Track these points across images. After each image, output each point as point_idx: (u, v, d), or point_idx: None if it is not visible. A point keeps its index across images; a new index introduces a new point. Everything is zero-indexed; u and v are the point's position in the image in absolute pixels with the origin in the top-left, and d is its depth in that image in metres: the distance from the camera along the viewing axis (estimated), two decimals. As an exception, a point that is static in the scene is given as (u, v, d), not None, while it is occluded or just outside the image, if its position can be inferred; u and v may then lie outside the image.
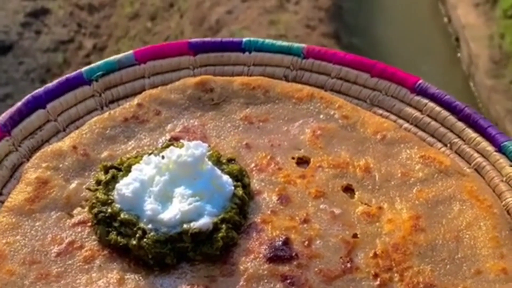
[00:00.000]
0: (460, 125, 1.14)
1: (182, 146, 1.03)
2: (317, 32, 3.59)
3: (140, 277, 0.93)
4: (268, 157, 1.10)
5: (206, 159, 1.02)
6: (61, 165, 1.05)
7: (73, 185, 1.03)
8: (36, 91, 1.13)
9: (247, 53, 1.25)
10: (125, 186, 0.98)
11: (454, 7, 4.03)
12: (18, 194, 1.01)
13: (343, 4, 4.06)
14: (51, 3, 4.31)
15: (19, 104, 1.11)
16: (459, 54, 3.72)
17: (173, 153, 1.01)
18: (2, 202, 1.01)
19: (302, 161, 1.10)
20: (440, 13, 4.17)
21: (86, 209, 1.00)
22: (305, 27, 3.62)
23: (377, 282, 0.93)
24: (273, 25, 3.60)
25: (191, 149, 1.00)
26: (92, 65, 1.19)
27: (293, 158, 1.10)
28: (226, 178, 1.01)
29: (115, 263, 0.94)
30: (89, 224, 0.99)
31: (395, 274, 0.94)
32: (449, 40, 3.93)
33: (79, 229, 0.98)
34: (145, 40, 3.87)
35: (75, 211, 1.01)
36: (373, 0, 4.24)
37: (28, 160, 1.07)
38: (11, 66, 3.79)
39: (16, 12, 4.20)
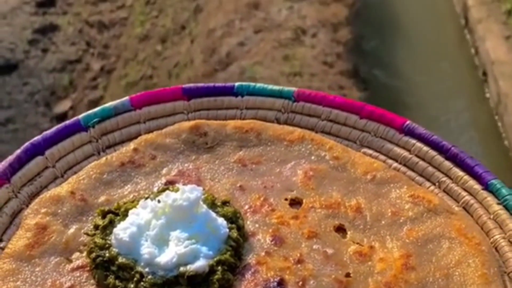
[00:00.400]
0: (447, 164, 1.17)
1: (177, 190, 1.05)
2: (335, 69, 3.41)
3: (139, 321, 0.95)
4: (262, 198, 1.12)
5: (201, 203, 1.05)
6: (59, 211, 1.08)
7: (71, 230, 1.06)
8: (35, 138, 1.16)
9: (239, 97, 1.29)
10: (123, 231, 1.01)
11: (482, 39, 3.71)
12: (18, 240, 1.03)
13: (363, 34, 3.77)
14: (61, 19, 4.23)
15: (18, 151, 1.14)
16: (486, 91, 3.47)
17: (168, 197, 1.03)
18: (2, 249, 1.03)
19: (295, 202, 1.13)
20: (467, 44, 3.86)
21: (85, 253, 1.02)
22: (322, 64, 3.45)
23: (370, 321, 0.96)
24: (287, 60, 3.42)
25: (186, 193, 1.03)
26: (89, 112, 1.22)
27: (286, 199, 1.13)
28: (221, 220, 1.04)
29: (113, 307, 0.96)
30: (88, 268, 1.01)
31: (388, 313, 0.97)
32: (475, 73, 3.65)
33: (78, 274, 1.00)
34: (154, 65, 3.76)
35: (73, 256, 1.03)
36: (396, 29, 3.94)
37: (27, 206, 1.10)
38: (15, 87, 3.70)
39: (23, 28, 4.14)
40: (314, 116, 1.28)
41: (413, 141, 1.21)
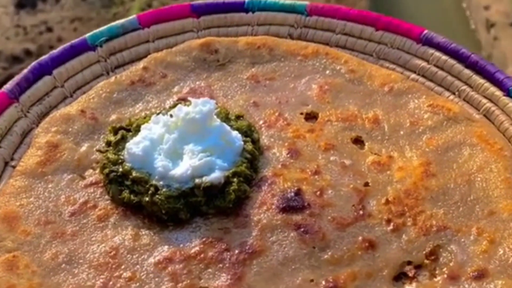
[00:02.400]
0: (467, 72, 1.14)
1: (190, 104, 1.03)
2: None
3: (155, 233, 0.93)
4: (276, 113, 1.10)
5: (215, 116, 1.02)
6: (70, 129, 1.05)
7: (83, 148, 1.04)
8: (42, 58, 1.13)
9: (250, 13, 1.25)
10: (135, 145, 0.98)
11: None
12: (30, 158, 1.02)
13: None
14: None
15: (25, 71, 1.11)
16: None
17: (181, 111, 1.01)
18: (14, 167, 1.02)
19: (310, 116, 1.10)
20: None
21: (98, 170, 1.00)
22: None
23: (390, 227, 0.94)
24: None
25: (199, 106, 1.01)
26: (95, 31, 1.19)
27: (301, 113, 1.10)
28: (235, 133, 1.01)
29: (129, 221, 0.95)
30: (101, 185, 0.99)
31: (408, 219, 0.94)
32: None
33: (92, 190, 0.99)
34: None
35: (86, 173, 1.01)
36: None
37: (37, 125, 1.08)
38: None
39: None
40: (328, 30, 1.24)
41: (431, 50, 1.17)
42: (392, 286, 0.88)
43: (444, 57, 1.16)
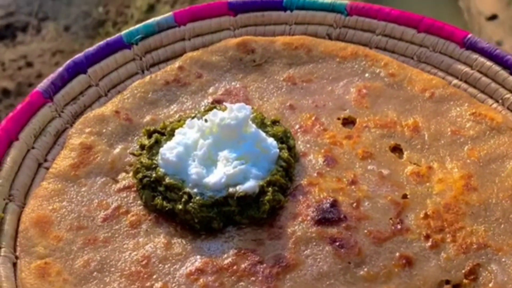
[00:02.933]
0: (512, 80, 1.10)
1: (225, 109, 1.01)
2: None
3: (187, 241, 0.92)
4: (313, 118, 1.07)
5: (250, 122, 1.00)
6: (104, 130, 1.04)
7: (117, 150, 1.03)
8: (77, 56, 1.12)
9: (288, 11, 1.22)
10: (169, 151, 0.97)
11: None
12: (63, 160, 1.01)
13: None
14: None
15: (60, 69, 1.10)
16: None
17: (216, 116, 0.99)
18: (47, 169, 1.01)
19: (348, 122, 1.08)
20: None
21: (131, 174, 0.99)
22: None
23: (429, 243, 0.91)
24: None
25: (234, 111, 0.98)
26: (131, 29, 1.17)
27: (338, 118, 1.07)
28: (270, 140, 0.99)
29: (161, 228, 0.94)
30: (134, 189, 0.98)
31: (447, 235, 0.92)
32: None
33: (125, 194, 0.98)
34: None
35: (119, 176, 1.00)
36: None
37: (71, 126, 1.07)
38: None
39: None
40: (368, 30, 1.20)
41: (475, 55, 1.13)
42: (429, 306, 0.86)
43: (489, 63, 1.12)
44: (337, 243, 0.90)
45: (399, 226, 0.93)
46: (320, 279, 0.87)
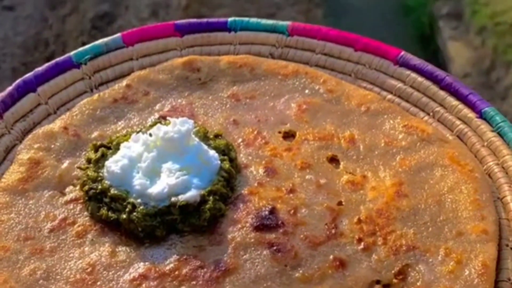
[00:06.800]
0: (442, 93, 1.16)
1: (169, 123, 1.05)
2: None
3: (131, 249, 0.96)
4: (255, 132, 1.12)
5: (193, 135, 1.04)
6: (52, 146, 1.08)
7: (65, 165, 1.06)
8: (26, 75, 1.16)
9: (232, 32, 1.28)
10: (114, 163, 1.01)
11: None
12: (12, 175, 1.04)
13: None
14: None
15: (10, 88, 1.14)
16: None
17: (160, 130, 1.03)
18: (-4, 183, 1.04)
19: (288, 135, 1.13)
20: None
21: (78, 187, 1.03)
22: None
23: (361, 246, 0.96)
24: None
25: (177, 125, 1.03)
26: (80, 49, 1.21)
27: (279, 132, 1.13)
28: (212, 152, 1.04)
29: (106, 237, 0.97)
30: (81, 201, 1.01)
31: (379, 238, 0.97)
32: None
33: (71, 206, 1.01)
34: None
35: (67, 190, 1.04)
36: None
37: (20, 142, 1.10)
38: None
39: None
40: (308, 50, 1.26)
41: (408, 72, 1.20)
42: (361, 305, 0.91)
43: (420, 79, 1.19)
44: (274, 248, 0.95)
45: (333, 231, 0.98)
46: (257, 282, 0.92)
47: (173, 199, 0.97)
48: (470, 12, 2.59)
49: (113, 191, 0.99)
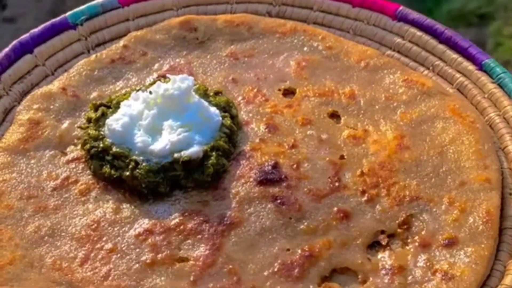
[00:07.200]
0: (441, 47, 1.16)
1: (169, 81, 1.05)
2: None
3: (135, 206, 0.96)
4: (255, 90, 1.12)
5: (193, 92, 1.04)
6: (51, 107, 1.07)
7: (65, 125, 1.06)
8: (22, 36, 1.15)
9: (229, -9, 1.26)
10: (115, 121, 1.00)
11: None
12: (12, 135, 1.03)
13: None
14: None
15: (6, 49, 1.12)
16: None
17: (160, 87, 1.03)
18: (-4, 144, 1.03)
19: (288, 92, 1.12)
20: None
21: (79, 146, 1.02)
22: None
23: (365, 198, 0.96)
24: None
25: (177, 82, 1.02)
26: (76, 10, 1.20)
27: (279, 89, 1.12)
28: (213, 109, 1.03)
29: (110, 195, 0.97)
30: (83, 160, 1.01)
31: (382, 190, 0.97)
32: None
33: (73, 165, 1.01)
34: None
35: (68, 149, 1.03)
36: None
37: (19, 103, 1.09)
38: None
39: None
40: (306, 7, 1.26)
41: (406, 26, 1.19)
42: (366, 254, 0.91)
43: (419, 33, 1.18)
44: (279, 201, 0.95)
45: (337, 184, 0.98)
46: (263, 234, 0.92)
47: (176, 155, 0.97)
48: (494, 44, 2.52)
49: (115, 148, 0.98)
